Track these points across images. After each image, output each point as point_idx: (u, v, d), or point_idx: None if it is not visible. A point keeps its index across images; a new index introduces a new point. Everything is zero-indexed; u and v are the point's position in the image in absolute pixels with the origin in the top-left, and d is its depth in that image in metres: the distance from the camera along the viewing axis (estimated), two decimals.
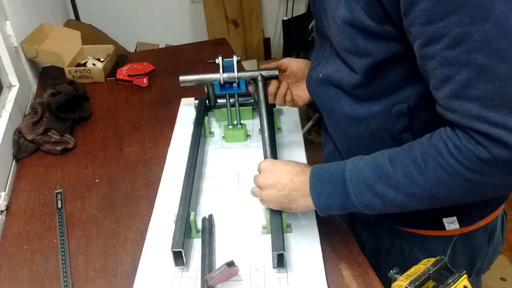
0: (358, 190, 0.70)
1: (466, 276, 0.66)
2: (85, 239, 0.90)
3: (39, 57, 1.52)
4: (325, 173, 0.74)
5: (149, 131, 1.21)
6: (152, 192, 0.98)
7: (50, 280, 0.82)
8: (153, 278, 0.79)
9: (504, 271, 1.93)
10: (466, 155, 0.60)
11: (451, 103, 0.60)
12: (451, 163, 0.61)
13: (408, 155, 0.66)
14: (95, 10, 2.64)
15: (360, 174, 0.70)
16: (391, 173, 0.67)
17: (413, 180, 0.65)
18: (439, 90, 0.61)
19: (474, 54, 0.56)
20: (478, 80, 0.57)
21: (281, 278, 0.76)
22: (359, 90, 0.75)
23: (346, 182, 0.71)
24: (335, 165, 0.75)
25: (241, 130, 1.10)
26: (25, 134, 1.17)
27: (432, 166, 0.63)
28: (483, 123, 0.57)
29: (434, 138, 0.65)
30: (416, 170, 0.65)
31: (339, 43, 0.73)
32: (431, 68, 0.61)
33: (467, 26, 0.55)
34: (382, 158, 0.69)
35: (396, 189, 0.66)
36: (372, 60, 0.69)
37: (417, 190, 0.65)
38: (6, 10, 1.39)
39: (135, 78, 1.46)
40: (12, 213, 0.98)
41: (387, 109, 0.74)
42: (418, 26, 0.58)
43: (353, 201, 0.71)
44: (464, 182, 0.62)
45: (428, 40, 0.59)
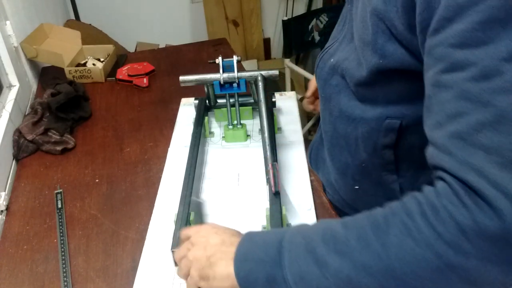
0: (294, 256, 0.54)
1: None
2: (85, 239, 0.90)
3: (39, 57, 1.52)
4: (259, 235, 0.60)
5: (149, 131, 1.22)
6: (152, 192, 0.98)
7: (50, 280, 0.82)
8: (153, 278, 0.79)
9: None
10: (443, 218, 0.46)
11: (451, 144, 0.48)
12: (421, 226, 0.47)
13: (367, 217, 0.53)
14: (95, 10, 2.64)
15: (302, 236, 0.55)
16: (341, 235, 0.52)
17: (367, 244, 0.50)
18: (441, 127, 0.50)
19: (499, 95, 0.46)
20: (493, 127, 0.46)
21: None
22: (360, 88, 0.72)
23: (282, 244, 0.55)
24: (273, 230, 0.63)
25: (241, 130, 1.10)
26: (25, 134, 1.17)
27: (395, 228, 0.49)
28: (480, 177, 0.45)
29: (405, 198, 0.52)
30: (373, 233, 0.50)
31: (359, 30, 0.68)
32: (442, 100, 0.50)
33: (502, 61, 0.46)
34: (334, 222, 0.55)
35: (344, 256, 0.51)
36: (383, 63, 0.63)
37: (371, 260, 0.49)
38: (6, 10, 1.39)
39: (135, 78, 1.46)
40: (12, 213, 0.98)
41: (380, 119, 0.71)
42: (447, 47, 0.49)
43: (285, 269, 0.54)
44: (432, 258, 0.46)
45: (451, 66, 0.49)
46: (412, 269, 0.47)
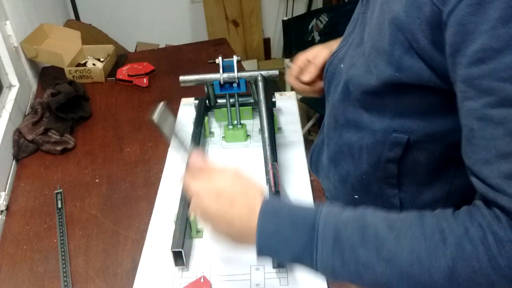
0: (331, 248, 0.53)
1: None
2: (85, 239, 0.90)
3: (39, 57, 1.52)
4: (285, 211, 0.57)
5: (149, 131, 1.21)
6: (152, 192, 0.98)
7: (50, 280, 0.82)
8: (153, 278, 0.79)
9: None
10: (507, 253, 0.45)
11: (506, 185, 0.46)
12: (481, 258, 0.47)
13: (420, 225, 0.51)
14: (95, 10, 2.64)
15: (340, 228, 0.53)
16: (389, 240, 0.51)
17: (419, 260, 0.49)
18: (491, 165, 0.48)
19: None
20: None
21: (281, 278, 0.77)
22: (367, 96, 0.67)
23: (316, 231, 0.54)
24: (299, 207, 0.58)
25: (241, 130, 1.10)
26: (25, 134, 1.17)
27: (452, 251, 0.48)
28: None
29: (462, 213, 0.50)
30: (427, 247, 0.49)
31: (374, 36, 0.63)
32: (491, 137, 0.47)
33: None
34: (377, 218, 0.53)
35: (390, 264, 0.50)
36: (399, 76, 0.59)
37: (419, 274, 0.49)
38: (6, 10, 1.39)
39: (135, 78, 1.46)
40: (12, 213, 0.98)
41: (387, 132, 0.67)
42: (495, 80, 0.46)
43: (314, 258, 0.53)
44: (488, 284, 0.47)
45: (503, 101, 0.46)
46: (466, 285, 0.48)
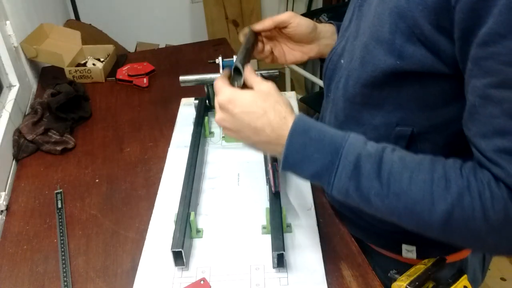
0: (350, 174, 0.58)
1: (466, 276, 0.66)
2: (85, 239, 0.90)
3: (39, 57, 1.52)
4: (314, 129, 0.61)
5: (149, 131, 1.21)
6: (152, 192, 0.98)
7: (50, 280, 0.82)
8: (153, 278, 0.79)
9: (504, 271, 1.93)
10: (497, 208, 0.53)
11: (499, 158, 0.52)
12: (476, 208, 0.53)
13: (431, 170, 0.56)
14: (95, 10, 2.64)
15: (362, 158, 0.58)
16: (403, 179, 0.57)
17: (424, 200, 0.55)
18: (488, 139, 0.53)
19: None
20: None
21: (281, 278, 0.76)
22: (366, 90, 0.68)
23: (340, 156, 0.59)
24: (329, 129, 0.62)
25: None
26: (25, 134, 1.17)
27: (453, 198, 0.54)
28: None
29: (468, 167, 0.56)
30: (433, 191, 0.55)
31: (373, 27, 0.64)
32: (490, 114, 0.52)
33: None
34: (395, 156, 0.59)
35: (398, 198, 0.57)
36: (399, 65, 0.61)
37: (420, 211, 0.56)
38: (6, 10, 1.39)
39: (135, 78, 1.46)
40: (12, 213, 0.98)
41: (390, 126, 0.68)
42: (498, 63, 0.50)
43: (332, 179, 0.59)
44: (472, 231, 0.55)
45: (502, 83, 0.50)
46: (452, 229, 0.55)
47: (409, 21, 0.58)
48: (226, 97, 0.64)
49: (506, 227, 0.53)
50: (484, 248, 0.59)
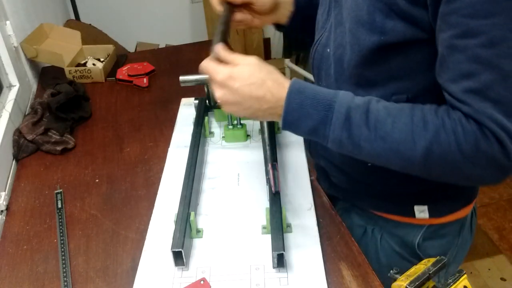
0: (342, 124, 0.66)
1: (466, 276, 0.66)
2: (85, 239, 0.90)
3: (39, 57, 1.52)
4: (310, 90, 0.68)
5: (149, 131, 1.21)
6: (152, 192, 0.98)
7: (50, 280, 0.82)
8: (153, 278, 0.79)
9: (504, 271, 1.93)
10: (469, 141, 0.60)
11: (467, 98, 0.60)
12: (451, 143, 0.61)
13: (410, 115, 0.64)
14: (95, 10, 2.64)
15: (352, 110, 0.66)
16: (387, 124, 0.64)
17: (407, 140, 0.63)
18: (456, 83, 0.61)
19: (505, 59, 0.57)
20: (499, 84, 0.58)
21: (281, 278, 0.77)
22: (360, 70, 0.73)
23: (332, 110, 0.66)
24: (322, 88, 0.69)
25: (241, 130, 1.10)
26: (25, 134, 1.17)
27: (430, 136, 0.62)
28: (492, 122, 0.59)
29: (442, 110, 0.64)
30: (412, 133, 0.63)
31: (352, 12, 0.71)
32: (456, 61, 0.60)
33: (508, 31, 0.56)
34: (380, 105, 0.66)
35: (384, 141, 0.64)
36: (383, 39, 0.67)
37: (405, 151, 0.64)
38: (6, 10, 1.39)
39: (135, 78, 1.46)
40: (12, 213, 0.98)
41: (386, 97, 0.72)
42: (460, 16, 0.58)
43: (327, 130, 0.66)
44: (449, 163, 0.63)
45: (464, 33, 0.58)
46: (433, 164, 0.63)
47: (385, 0, 0.65)
48: (225, 74, 0.70)
49: (478, 156, 0.61)
50: (462, 178, 0.66)
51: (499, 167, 0.62)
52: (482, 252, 2.00)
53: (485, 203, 2.24)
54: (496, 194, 2.30)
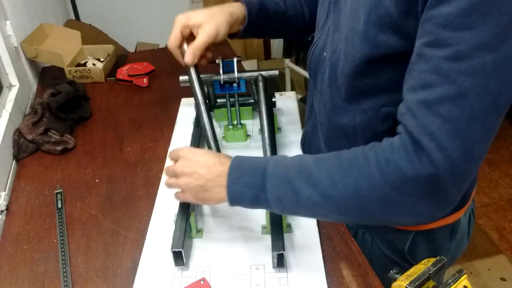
0: (275, 183, 0.68)
1: (466, 276, 0.66)
2: (85, 239, 0.90)
3: (39, 57, 1.52)
4: (247, 162, 0.72)
5: (149, 131, 1.21)
6: (152, 192, 0.98)
7: (50, 280, 0.82)
8: (153, 278, 0.79)
9: (504, 271, 1.93)
10: (392, 169, 0.60)
11: (418, 109, 0.59)
12: (374, 174, 0.61)
13: (336, 158, 0.66)
14: (95, 10, 2.64)
15: (282, 168, 0.68)
16: (314, 171, 0.66)
17: (334, 182, 0.64)
18: (414, 92, 0.60)
19: (464, 76, 0.55)
20: (453, 101, 0.56)
21: (281, 278, 0.77)
22: (351, 79, 0.73)
23: (266, 173, 0.69)
24: (258, 157, 0.74)
25: (241, 130, 1.10)
26: (25, 134, 1.17)
27: (355, 173, 0.62)
28: (432, 141, 0.57)
29: (367, 147, 0.64)
30: (339, 173, 0.64)
31: (351, 21, 0.71)
32: (420, 69, 0.59)
33: (473, 48, 0.54)
34: (308, 158, 0.68)
35: (315, 188, 0.65)
36: (376, 51, 0.67)
37: (335, 194, 0.64)
38: (6, 10, 1.39)
39: (135, 78, 1.46)
40: (12, 213, 0.98)
41: (376, 108, 0.73)
42: (433, 25, 0.57)
43: (267, 193, 0.68)
44: (380, 197, 0.61)
45: (433, 42, 0.57)
46: (365, 203, 0.62)
47: (380, 12, 0.64)
48: (187, 150, 0.79)
49: (407, 185, 0.59)
50: (405, 215, 0.63)
51: (432, 195, 0.60)
52: (482, 252, 2.00)
53: (485, 203, 2.24)
54: (496, 194, 2.30)
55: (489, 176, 2.41)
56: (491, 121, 0.58)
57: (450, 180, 0.58)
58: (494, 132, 0.59)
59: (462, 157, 0.57)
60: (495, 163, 2.48)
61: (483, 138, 0.58)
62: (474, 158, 0.59)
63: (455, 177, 0.58)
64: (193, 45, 0.90)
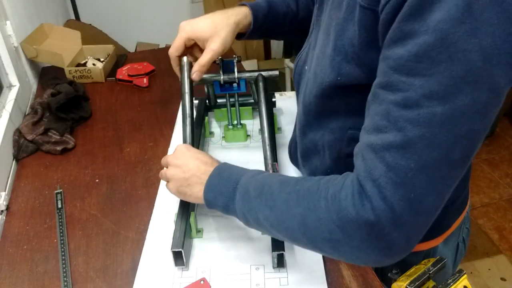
0: (242, 198, 0.70)
1: (466, 276, 0.66)
2: (85, 239, 0.90)
3: (39, 57, 1.52)
4: (227, 171, 0.74)
5: (149, 131, 1.22)
6: (152, 192, 0.98)
7: (50, 280, 0.82)
8: (153, 278, 0.79)
9: (504, 271, 1.93)
10: (336, 208, 0.58)
11: (366, 152, 0.57)
12: (322, 209, 0.60)
13: (295, 184, 0.65)
14: (95, 10, 2.64)
15: (251, 184, 0.70)
16: (275, 194, 0.66)
17: (288, 209, 0.64)
18: (367, 134, 0.58)
19: (411, 125, 0.52)
20: (398, 150, 0.53)
21: (281, 278, 0.77)
22: (320, 100, 0.72)
23: (237, 186, 0.71)
24: (241, 169, 0.75)
25: (241, 130, 1.10)
26: (25, 134, 1.17)
27: (306, 203, 0.62)
28: (375, 188, 0.55)
29: (325, 178, 0.63)
30: (293, 200, 0.64)
31: (322, 42, 0.70)
32: (374, 111, 0.57)
33: (422, 97, 0.51)
34: (276, 179, 0.69)
35: (272, 210, 0.66)
36: (340, 80, 0.66)
37: (287, 220, 0.64)
38: (6, 10, 1.39)
39: (135, 78, 1.46)
40: (12, 213, 0.98)
41: (343, 129, 0.72)
42: (386, 66, 0.54)
43: (235, 205, 0.70)
44: (325, 233, 0.60)
45: (386, 84, 0.55)
46: (312, 235, 0.62)
47: (345, 41, 0.63)
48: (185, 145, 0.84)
49: (349, 226, 0.57)
50: (350, 255, 0.61)
51: (375, 241, 0.56)
52: (482, 252, 2.00)
53: (485, 203, 2.24)
54: (496, 194, 2.30)
55: (489, 176, 2.41)
56: (443, 174, 0.54)
57: (393, 230, 0.55)
58: (450, 185, 0.55)
59: (405, 208, 0.54)
60: (495, 163, 2.48)
61: (433, 191, 0.54)
62: (423, 211, 0.55)
63: (399, 228, 0.55)
64: (200, 63, 0.91)
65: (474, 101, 0.50)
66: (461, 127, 0.51)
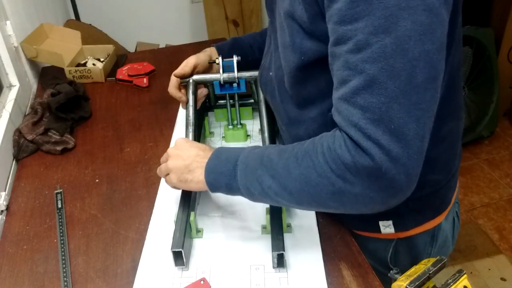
0: (243, 172, 0.72)
1: (466, 276, 0.66)
2: (85, 239, 0.90)
3: (39, 57, 1.52)
4: (224, 153, 0.77)
5: (149, 131, 1.22)
6: (152, 192, 0.98)
7: (50, 280, 0.82)
8: (153, 278, 0.79)
9: (504, 271, 1.93)
10: (334, 158, 0.61)
11: (340, 105, 0.61)
12: (321, 163, 0.63)
13: (292, 149, 0.68)
14: (95, 10, 2.64)
15: (250, 158, 0.72)
16: (274, 162, 0.69)
17: (289, 173, 0.66)
18: (336, 90, 0.62)
19: (369, 64, 0.56)
20: (366, 90, 0.57)
21: (281, 278, 0.77)
22: (295, 90, 0.76)
23: (237, 163, 0.73)
24: (238, 148, 0.77)
25: (241, 130, 1.10)
26: (25, 134, 1.17)
27: (305, 163, 0.65)
28: (358, 131, 0.58)
29: (318, 137, 0.67)
30: (293, 164, 0.66)
31: (280, 37, 0.74)
32: (336, 68, 0.61)
33: (369, 35, 0.56)
34: (273, 149, 0.71)
35: (274, 178, 0.68)
36: (305, 59, 0.69)
37: (290, 184, 0.66)
38: (6, 10, 1.39)
39: (135, 78, 1.46)
40: (12, 213, 0.98)
41: (323, 114, 0.75)
42: (332, 24, 0.59)
43: (237, 182, 0.72)
44: (329, 186, 0.63)
45: (337, 40, 0.59)
46: (315, 192, 0.64)
47: (298, 20, 0.67)
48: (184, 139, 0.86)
49: (349, 173, 0.60)
50: (356, 203, 0.64)
51: (376, 182, 0.59)
52: (482, 252, 2.00)
53: (485, 203, 2.24)
54: (496, 194, 2.30)
55: (489, 176, 2.40)
56: (414, 100, 0.57)
57: (390, 168, 0.58)
58: (425, 109, 0.58)
59: (391, 141, 0.57)
60: (495, 163, 2.48)
61: (411, 118, 0.57)
62: (408, 139, 0.57)
63: (394, 163, 0.57)
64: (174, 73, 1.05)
65: (415, 23, 0.54)
66: (412, 50, 0.55)
